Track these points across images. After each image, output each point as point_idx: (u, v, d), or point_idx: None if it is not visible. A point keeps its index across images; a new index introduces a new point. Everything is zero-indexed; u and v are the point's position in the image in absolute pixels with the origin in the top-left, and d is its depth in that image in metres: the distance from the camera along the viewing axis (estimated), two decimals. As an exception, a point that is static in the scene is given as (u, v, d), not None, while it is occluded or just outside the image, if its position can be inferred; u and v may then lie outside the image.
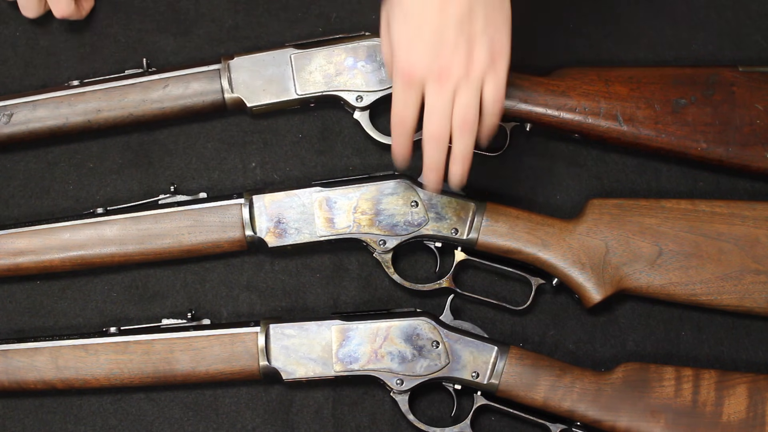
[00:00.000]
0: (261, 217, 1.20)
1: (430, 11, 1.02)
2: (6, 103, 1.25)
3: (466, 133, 1.07)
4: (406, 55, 1.04)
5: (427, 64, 1.03)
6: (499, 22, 1.04)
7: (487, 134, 1.10)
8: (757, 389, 1.15)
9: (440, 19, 1.02)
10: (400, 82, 1.05)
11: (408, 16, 1.03)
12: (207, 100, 1.25)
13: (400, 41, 1.04)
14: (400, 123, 1.08)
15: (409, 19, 1.03)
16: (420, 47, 1.03)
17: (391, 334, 1.17)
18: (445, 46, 1.03)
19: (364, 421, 1.23)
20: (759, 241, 1.18)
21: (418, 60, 1.03)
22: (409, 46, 1.03)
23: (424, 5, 1.02)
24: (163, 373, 1.18)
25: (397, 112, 1.07)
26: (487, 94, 1.06)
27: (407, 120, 1.07)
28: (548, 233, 1.20)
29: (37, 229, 1.21)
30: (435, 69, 1.03)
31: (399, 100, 1.06)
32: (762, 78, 1.23)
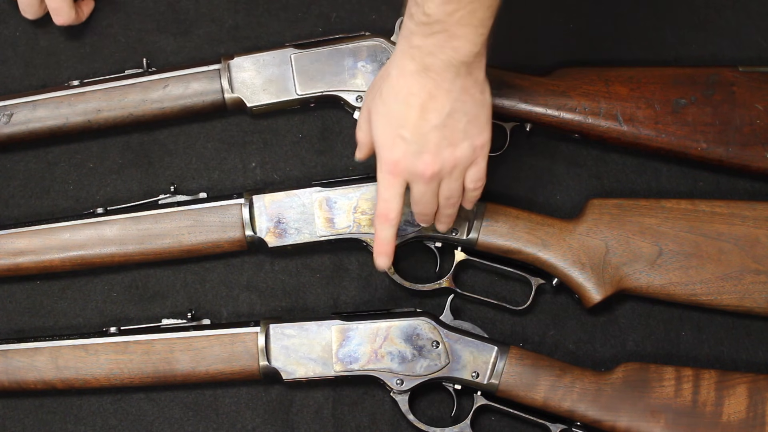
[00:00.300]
0: (261, 217, 1.20)
1: (412, 115, 1.03)
2: (6, 103, 1.25)
3: (450, 208, 1.12)
4: (389, 153, 1.06)
5: (410, 165, 1.05)
6: (480, 120, 1.05)
7: (470, 199, 1.13)
8: (757, 389, 1.15)
9: (422, 124, 1.03)
10: (385, 177, 1.07)
11: (390, 116, 1.04)
12: (207, 100, 1.25)
13: (384, 140, 1.06)
14: (385, 215, 1.08)
15: (391, 120, 1.04)
16: (403, 148, 1.04)
17: (391, 334, 1.17)
18: (427, 149, 1.04)
19: (364, 421, 1.23)
20: (759, 241, 1.18)
21: (401, 159, 1.05)
22: (392, 146, 1.05)
23: (406, 108, 1.03)
24: (163, 373, 1.18)
25: (381, 205, 1.08)
26: (468, 179, 1.09)
27: (391, 213, 1.08)
28: (548, 233, 1.20)
29: (37, 229, 1.21)
30: (418, 169, 1.05)
31: (383, 192, 1.08)
32: (762, 78, 1.23)
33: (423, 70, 1.01)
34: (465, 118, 1.04)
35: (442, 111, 1.02)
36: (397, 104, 1.03)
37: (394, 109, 1.04)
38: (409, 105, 1.03)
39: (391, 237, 1.10)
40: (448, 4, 0.97)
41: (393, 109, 1.04)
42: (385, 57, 1.23)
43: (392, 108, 1.04)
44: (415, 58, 1.01)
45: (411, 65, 1.02)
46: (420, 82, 1.02)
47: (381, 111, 1.05)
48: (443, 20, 0.98)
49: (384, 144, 1.06)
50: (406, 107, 1.03)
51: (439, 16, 0.98)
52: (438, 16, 0.98)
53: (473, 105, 1.04)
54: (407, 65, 1.02)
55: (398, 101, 1.03)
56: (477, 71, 1.03)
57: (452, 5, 0.97)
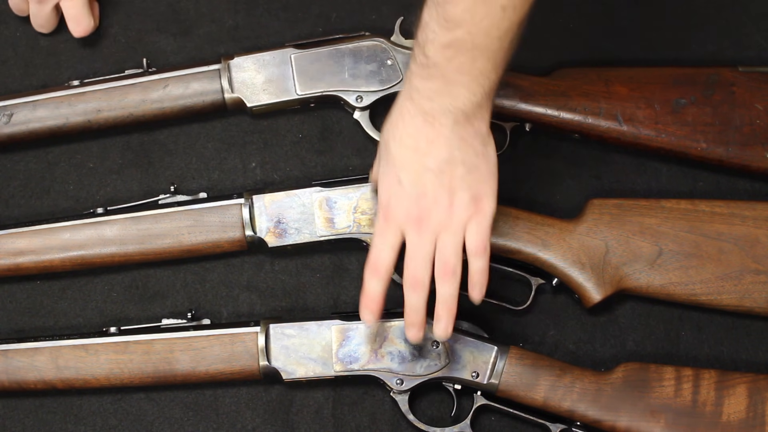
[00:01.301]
0: (261, 217, 1.20)
1: (411, 159, 1.02)
2: (6, 103, 1.25)
3: (447, 278, 1.05)
4: (386, 198, 1.05)
5: (406, 210, 1.03)
6: (481, 172, 1.03)
7: (476, 280, 1.07)
8: (757, 389, 1.15)
9: (420, 168, 1.02)
10: (381, 223, 1.05)
11: (391, 159, 1.04)
12: (207, 100, 1.25)
13: (383, 183, 1.05)
14: (374, 266, 1.06)
15: (392, 163, 1.04)
16: (400, 193, 1.03)
17: (391, 334, 1.17)
18: (424, 194, 1.03)
19: (364, 421, 1.23)
20: (759, 241, 1.18)
21: (397, 205, 1.04)
22: (390, 189, 1.04)
23: (404, 151, 1.02)
24: (163, 373, 1.18)
25: (373, 253, 1.06)
26: (469, 237, 1.04)
27: (382, 261, 1.05)
28: (548, 233, 1.20)
29: (37, 229, 1.21)
30: (414, 215, 1.03)
31: (376, 239, 1.06)
32: (762, 78, 1.23)
33: (421, 113, 1.00)
34: (464, 167, 1.02)
35: (439, 156, 1.01)
36: (396, 147, 1.03)
37: (393, 152, 1.03)
38: (407, 147, 1.02)
39: (379, 292, 1.06)
40: (448, 49, 0.96)
41: (392, 153, 1.03)
42: (385, 57, 1.23)
43: (392, 151, 1.04)
44: (414, 101, 1.01)
45: (410, 107, 1.01)
46: (418, 125, 1.01)
47: (384, 156, 1.05)
48: (442, 65, 0.97)
49: (383, 188, 1.05)
50: (404, 150, 1.02)
51: (438, 60, 0.97)
52: (437, 60, 0.97)
53: (474, 155, 1.02)
54: (407, 107, 1.01)
55: (397, 143, 1.03)
56: (478, 122, 1.01)
57: (451, 50, 0.96)
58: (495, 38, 0.96)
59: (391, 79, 1.23)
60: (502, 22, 0.95)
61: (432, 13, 0.96)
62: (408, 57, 1.23)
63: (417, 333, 1.08)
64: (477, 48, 0.96)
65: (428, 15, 0.97)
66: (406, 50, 1.24)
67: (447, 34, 0.95)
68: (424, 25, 0.97)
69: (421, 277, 1.05)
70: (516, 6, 0.94)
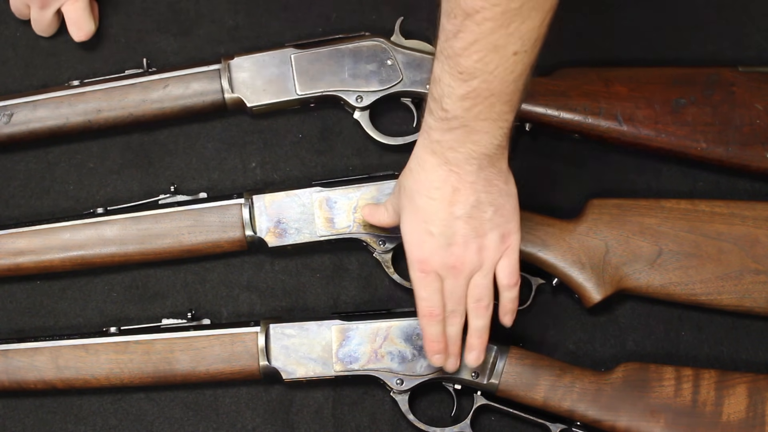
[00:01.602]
0: (261, 217, 1.20)
1: (437, 209, 1.03)
2: (6, 103, 1.25)
3: (481, 312, 1.09)
4: (418, 250, 1.06)
5: (440, 259, 1.05)
6: (507, 209, 1.05)
7: (509, 309, 1.11)
8: (757, 389, 1.15)
9: (448, 217, 1.03)
10: (417, 274, 1.07)
11: (417, 212, 1.04)
12: (207, 100, 1.25)
13: (412, 237, 1.06)
14: (429, 314, 1.08)
15: (418, 216, 1.04)
16: (431, 243, 1.05)
17: (391, 334, 1.17)
18: (455, 242, 1.04)
19: (364, 421, 1.23)
20: (759, 241, 1.18)
21: (430, 255, 1.05)
22: (421, 242, 1.05)
23: (431, 202, 1.03)
24: (163, 373, 1.18)
25: (422, 304, 1.08)
26: (500, 272, 1.08)
27: (435, 309, 1.08)
28: (548, 233, 1.20)
29: (38, 229, 1.21)
30: (448, 263, 1.05)
31: (420, 291, 1.08)
32: (762, 78, 1.23)
33: (445, 164, 1.01)
34: (491, 208, 1.04)
35: (466, 203, 1.02)
36: (422, 199, 1.04)
37: (420, 204, 1.04)
38: (433, 199, 1.03)
39: (440, 333, 1.10)
40: (465, 100, 0.96)
41: (418, 204, 1.04)
42: (385, 57, 1.23)
43: (417, 203, 1.04)
44: (437, 153, 1.01)
45: (433, 159, 1.02)
46: (443, 175, 1.02)
47: (407, 206, 1.06)
48: (461, 116, 0.98)
49: (412, 241, 1.06)
50: (430, 201, 1.03)
51: (457, 112, 0.97)
52: (456, 112, 0.97)
53: (498, 195, 1.04)
54: (429, 159, 1.02)
55: (422, 196, 1.03)
56: (500, 162, 1.03)
57: (469, 101, 0.96)
58: (510, 82, 0.96)
59: (391, 79, 1.24)
60: (516, 66, 0.95)
61: (444, 66, 0.96)
62: (408, 57, 1.24)
63: (455, 362, 1.13)
64: (494, 95, 0.96)
65: (440, 69, 0.97)
66: (406, 50, 1.24)
67: (463, 85, 0.96)
68: (438, 80, 0.98)
69: (459, 311, 1.09)
70: (527, 50, 0.95)
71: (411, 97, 1.26)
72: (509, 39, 0.93)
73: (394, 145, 1.27)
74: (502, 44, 0.93)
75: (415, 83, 1.24)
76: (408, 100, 1.26)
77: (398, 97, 1.25)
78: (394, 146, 1.27)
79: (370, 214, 1.15)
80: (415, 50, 1.24)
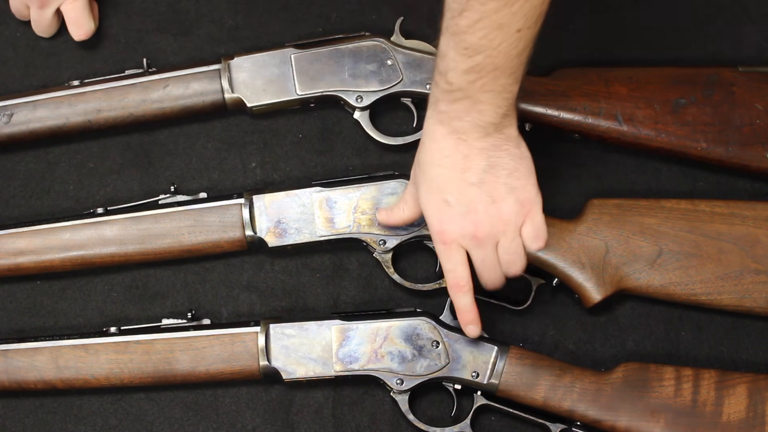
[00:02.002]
0: (261, 217, 1.20)
1: (452, 177, 1.04)
2: (6, 103, 1.25)
3: (513, 267, 1.11)
4: (438, 223, 1.07)
5: (459, 229, 1.06)
6: (521, 171, 1.06)
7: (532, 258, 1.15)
8: (757, 389, 1.15)
9: (462, 184, 1.04)
10: (440, 246, 1.08)
11: (433, 183, 1.06)
12: (207, 100, 1.25)
13: (430, 208, 1.07)
14: (456, 286, 1.10)
15: (433, 187, 1.06)
16: (449, 213, 1.06)
17: (391, 334, 1.17)
18: (472, 209, 1.05)
19: (364, 421, 1.23)
20: (759, 241, 1.18)
21: (449, 225, 1.06)
22: (439, 213, 1.06)
23: (444, 171, 1.04)
24: (163, 373, 1.18)
25: (449, 276, 1.10)
26: (525, 237, 1.09)
27: (462, 281, 1.10)
28: (548, 233, 1.19)
29: (38, 229, 1.21)
30: (469, 232, 1.06)
31: (446, 263, 1.09)
32: (762, 78, 1.23)
33: (452, 132, 1.03)
34: (504, 171, 1.05)
35: (478, 168, 1.04)
36: (434, 169, 1.05)
37: (433, 174, 1.05)
38: (445, 167, 1.04)
39: (471, 303, 1.11)
40: (470, 74, 0.98)
41: (432, 176, 1.06)
42: (385, 57, 1.23)
43: (431, 175, 1.06)
44: (444, 123, 1.03)
45: (441, 129, 1.04)
46: (452, 144, 1.03)
47: (422, 181, 1.07)
48: (465, 88, 1.00)
49: (432, 214, 1.07)
50: (443, 170, 1.05)
51: (462, 85, 0.99)
52: (460, 85, 0.99)
53: (510, 158, 1.05)
54: (437, 130, 1.04)
55: (434, 166, 1.05)
56: (508, 129, 1.04)
57: (473, 74, 0.98)
58: (514, 57, 0.98)
59: (391, 79, 1.24)
60: (519, 41, 0.97)
61: (450, 42, 0.98)
62: (408, 57, 1.24)
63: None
64: (498, 68, 0.98)
65: (446, 44, 0.99)
66: (406, 50, 1.24)
67: (467, 60, 0.98)
68: (443, 55, 1.00)
69: (496, 278, 1.11)
70: (530, 26, 0.97)
71: (411, 97, 1.25)
72: (513, 18, 0.95)
73: (394, 145, 1.27)
74: (506, 22, 0.95)
75: (415, 83, 1.24)
76: (408, 100, 1.26)
77: (398, 97, 1.25)
78: (394, 146, 1.27)
79: (389, 217, 1.16)
80: (415, 50, 1.24)
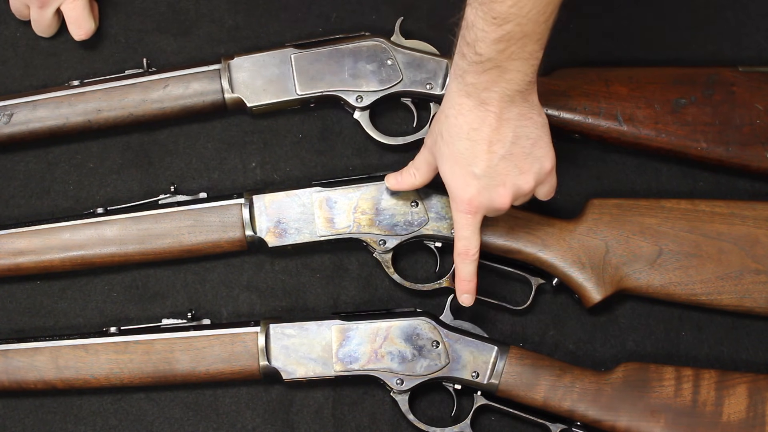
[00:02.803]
0: (261, 217, 1.20)
1: (480, 150, 1.05)
2: (6, 103, 1.25)
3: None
4: (462, 192, 1.08)
5: (486, 201, 1.08)
6: (544, 141, 1.08)
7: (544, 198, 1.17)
8: (757, 389, 1.15)
9: (490, 157, 1.05)
10: (463, 216, 1.10)
11: (458, 156, 1.06)
12: (207, 100, 1.25)
13: (456, 181, 1.08)
14: (466, 253, 1.12)
15: (459, 159, 1.07)
16: (476, 185, 1.07)
17: (391, 334, 1.17)
18: (499, 181, 1.07)
19: (364, 421, 1.23)
20: (759, 241, 1.18)
21: (476, 196, 1.08)
22: (465, 185, 1.08)
23: (472, 144, 1.05)
24: (163, 373, 1.18)
25: (461, 243, 1.11)
26: (540, 192, 1.13)
27: (472, 249, 1.12)
28: (548, 233, 1.20)
29: (37, 229, 1.21)
30: (494, 204, 1.09)
31: (462, 231, 1.11)
32: (762, 78, 1.23)
33: (480, 104, 1.04)
34: (529, 142, 1.06)
35: (505, 140, 1.05)
36: (462, 142, 1.06)
37: (460, 147, 1.06)
38: (474, 141, 1.05)
39: (474, 272, 1.13)
40: (499, 43, 0.99)
41: (459, 149, 1.06)
42: (385, 57, 1.23)
43: (458, 147, 1.06)
44: (471, 95, 1.04)
45: (468, 102, 1.04)
46: (480, 116, 1.04)
47: (446, 153, 1.08)
48: (495, 57, 1.00)
49: (457, 185, 1.08)
50: (471, 143, 1.05)
51: (491, 55, 1.00)
52: (490, 55, 1.00)
53: (534, 128, 1.06)
54: (465, 102, 1.04)
55: (462, 139, 1.06)
56: (532, 96, 1.05)
57: (503, 44, 0.99)
58: (542, 23, 0.99)
59: (391, 79, 1.24)
60: (547, 7, 0.99)
61: (477, 12, 0.99)
62: (408, 57, 1.23)
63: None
64: (526, 36, 0.99)
65: (473, 15, 0.99)
66: (406, 50, 1.24)
67: (497, 30, 0.98)
68: (471, 25, 1.00)
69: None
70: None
71: (411, 97, 1.25)
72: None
73: (394, 145, 1.27)
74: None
75: (415, 83, 1.24)
76: (408, 100, 1.26)
77: (398, 97, 1.25)
78: (394, 146, 1.27)
79: (399, 182, 1.17)
80: (415, 50, 1.24)
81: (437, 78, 1.23)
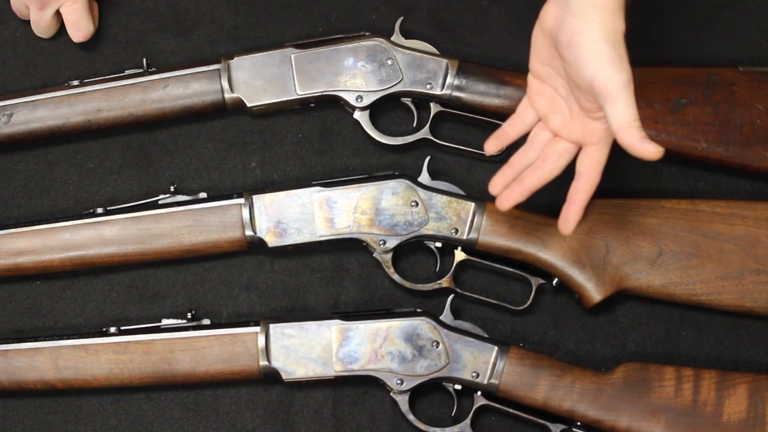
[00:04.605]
0: (261, 217, 1.20)
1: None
2: (6, 103, 1.25)
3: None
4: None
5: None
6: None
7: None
8: (757, 389, 1.15)
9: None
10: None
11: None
12: (207, 100, 1.25)
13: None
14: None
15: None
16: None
17: (391, 334, 1.17)
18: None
19: (364, 421, 1.23)
20: (759, 241, 1.18)
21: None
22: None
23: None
24: (163, 373, 1.18)
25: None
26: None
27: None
28: (548, 233, 1.20)
29: (37, 229, 1.21)
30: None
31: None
32: (762, 78, 1.23)
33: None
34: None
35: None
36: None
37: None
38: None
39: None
40: None
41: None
42: (385, 57, 1.23)
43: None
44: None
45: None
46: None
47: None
48: None
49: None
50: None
51: None
52: None
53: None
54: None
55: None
56: None
57: None
58: None
59: (391, 79, 1.23)
60: None
61: None
62: (408, 56, 1.23)
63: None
64: None
65: None
66: (406, 50, 1.24)
67: None
68: None
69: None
70: None
71: (411, 97, 1.25)
72: None
73: (394, 145, 1.27)
74: None
75: (415, 83, 1.24)
76: (408, 100, 1.26)
77: (398, 97, 1.25)
78: (394, 146, 1.27)
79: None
80: (415, 50, 1.24)
81: (437, 78, 1.23)
